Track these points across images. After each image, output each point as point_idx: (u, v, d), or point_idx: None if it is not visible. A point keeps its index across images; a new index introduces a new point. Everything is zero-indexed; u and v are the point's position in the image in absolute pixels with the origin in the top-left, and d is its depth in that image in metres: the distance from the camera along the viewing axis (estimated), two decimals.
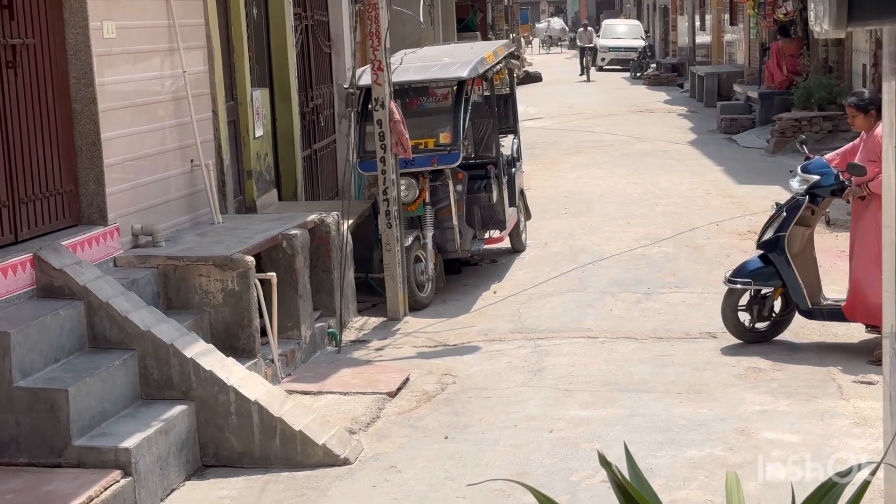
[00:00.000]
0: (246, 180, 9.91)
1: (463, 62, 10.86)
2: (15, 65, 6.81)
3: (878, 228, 7.68)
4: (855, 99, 8.06)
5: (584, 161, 18.61)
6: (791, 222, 8.09)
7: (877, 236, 7.73)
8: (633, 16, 51.92)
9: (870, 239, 7.76)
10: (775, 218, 8.21)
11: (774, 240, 8.11)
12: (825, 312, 8.18)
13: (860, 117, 8.00)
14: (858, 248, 7.92)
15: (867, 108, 7.94)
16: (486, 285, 10.79)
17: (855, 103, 8.02)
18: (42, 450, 6.00)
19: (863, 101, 7.99)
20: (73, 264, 6.77)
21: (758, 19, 23.00)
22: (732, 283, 8.23)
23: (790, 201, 8.20)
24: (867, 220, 7.82)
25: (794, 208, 8.11)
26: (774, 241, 8.11)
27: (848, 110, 8.12)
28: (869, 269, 7.73)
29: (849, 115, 8.14)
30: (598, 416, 7.02)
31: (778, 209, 8.25)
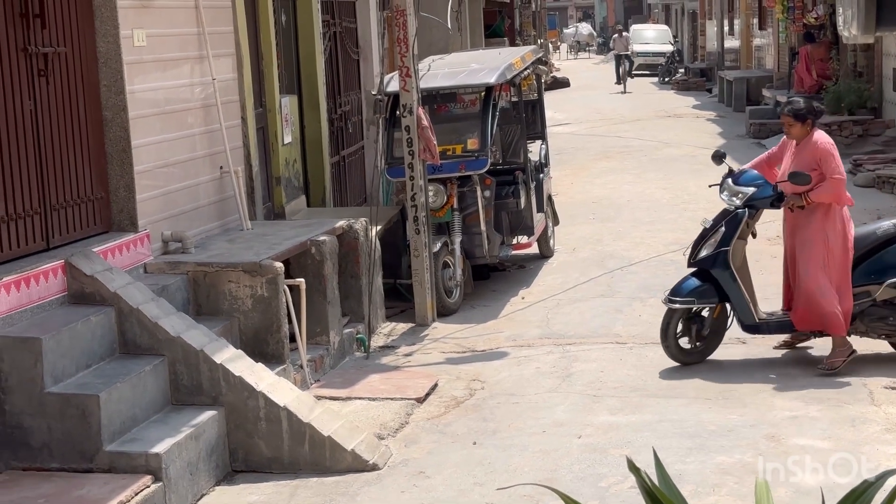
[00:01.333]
0: (275, 187, 9.96)
1: (491, 68, 10.87)
2: (47, 73, 6.88)
3: (825, 237, 7.66)
4: (791, 108, 7.86)
5: (613, 166, 18.57)
6: (734, 236, 7.85)
7: (825, 245, 7.69)
8: (661, 21, 51.83)
9: (817, 249, 7.67)
10: (711, 234, 7.94)
11: (716, 255, 7.84)
12: (772, 325, 7.99)
13: (797, 126, 7.82)
14: (805, 259, 7.72)
15: (805, 117, 7.79)
16: (514, 291, 10.78)
17: (792, 112, 7.82)
18: (73, 455, 6.04)
19: (800, 111, 7.80)
20: (103, 271, 6.82)
21: (787, 23, 22.90)
22: (672, 303, 7.94)
23: (727, 215, 7.92)
24: (813, 230, 7.69)
25: (733, 222, 7.87)
26: (716, 257, 7.85)
27: (784, 119, 7.90)
28: (820, 278, 7.64)
29: (785, 123, 7.91)
30: (627, 422, 7.01)
31: (713, 224, 7.97)
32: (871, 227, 8.08)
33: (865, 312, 7.80)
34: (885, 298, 7.78)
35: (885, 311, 7.81)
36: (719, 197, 8.12)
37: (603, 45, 65.51)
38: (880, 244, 7.87)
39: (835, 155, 7.73)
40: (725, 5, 33.34)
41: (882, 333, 7.90)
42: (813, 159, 7.72)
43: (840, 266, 7.70)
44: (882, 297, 7.77)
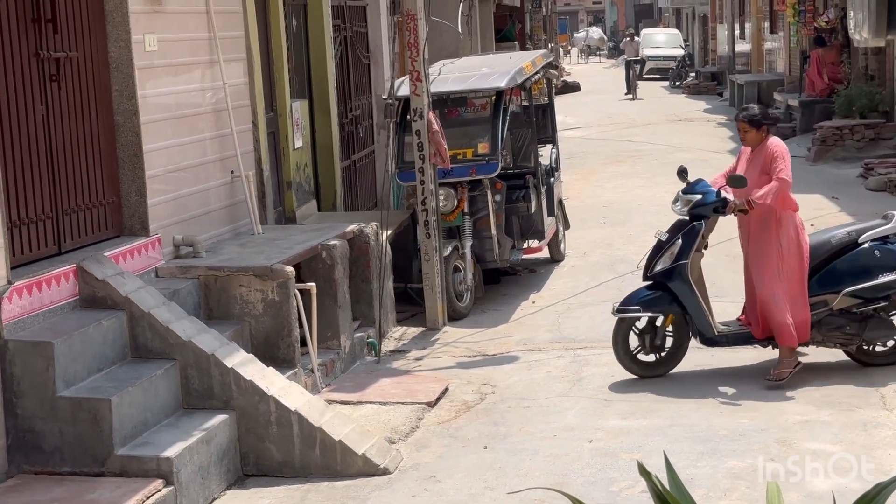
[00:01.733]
0: (286, 191, 9.97)
1: (501, 72, 10.87)
2: (59, 78, 6.90)
3: (779, 246, 7.61)
4: (747, 114, 7.80)
5: (623, 170, 18.56)
6: (692, 249, 7.75)
7: (778, 253, 7.64)
8: (671, 25, 51.80)
9: (771, 258, 7.61)
10: (667, 246, 7.82)
11: (674, 269, 7.72)
12: (731, 338, 7.90)
13: (752, 132, 7.74)
14: (759, 268, 7.66)
15: (760, 123, 7.73)
16: (524, 295, 10.78)
17: (748, 118, 7.76)
18: (85, 459, 6.06)
19: (755, 117, 7.74)
20: (115, 275, 6.84)
21: (798, 27, 22.86)
22: (622, 313, 7.82)
23: (683, 228, 7.83)
24: (767, 240, 7.62)
25: (691, 234, 7.77)
26: (673, 271, 7.72)
27: (740, 125, 7.82)
28: (774, 287, 7.58)
29: (740, 129, 7.83)
30: (638, 426, 7.00)
31: (669, 238, 7.85)
32: (825, 235, 7.96)
33: (822, 322, 7.73)
34: (842, 307, 7.72)
35: (841, 321, 7.74)
36: (671, 209, 8.05)
37: (613, 49, 65.47)
38: (835, 253, 7.79)
39: (785, 159, 7.64)
40: (736, 9, 33.30)
41: (839, 342, 7.84)
42: (765, 165, 7.66)
43: (795, 275, 7.62)
44: (839, 307, 7.71)
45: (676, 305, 7.80)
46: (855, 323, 7.74)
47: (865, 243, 7.78)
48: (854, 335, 7.76)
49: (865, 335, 7.75)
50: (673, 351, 7.95)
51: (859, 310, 7.73)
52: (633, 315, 7.85)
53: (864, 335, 7.75)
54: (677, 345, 7.94)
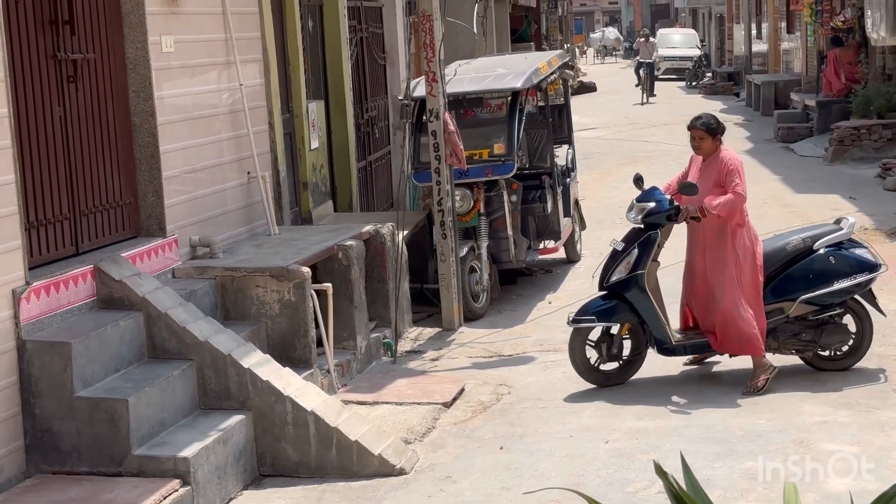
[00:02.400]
0: (302, 192, 9.99)
1: (517, 73, 10.87)
2: (76, 79, 6.93)
3: (736, 256, 7.55)
4: (704, 122, 7.71)
5: (640, 171, 18.47)
6: (648, 258, 7.67)
7: (735, 262, 7.57)
8: (688, 25, 51.69)
9: (730, 269, 7.53)
10: (623, 256, 7.73)
11: (630, 279, 7.64)
12: (689, 347, 7.83)
13: (708, 140, 7.67)
14: (720, 281, 7.55)
15: (716, 131, 7.67)
16: (540, 295, 10.77)
17: (705, 126, 7.67)
18: (102, 459, 6.08)
19: (712, 125, 7.68)
20: (132, 276, 6.86)
21: (815, 27, 22.79)
22: (578, 323, 7.72)
23: (639, 237, 7.74)
24: (724, 251, 7.54)
25: (647, 243, 7.68)
26: (630, 281, 7.64)
27: (695, 133, 7.71)
28: (736, 298, 7.52)
29: (695, 137, 7.72)
30: (654, 427, 6.99)
31: (625, 247, 7.76)
32: (780, 242, 7.89)
33: (779, 329, 7.69)
34: (798, 315, 7.68)
35: (797, 328, 7.70)
36: (626, 217, 7.99)
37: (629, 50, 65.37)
38: (790, 260, 7.74)
39: (741, 173, 7.56)
40: (753, 9, 33.20)
41: (795, 349, 7.80)
42: (720, 176, 7.58)
43: (751, 285, 7.56)
44: (795, 314, 7.68)
45: (632, 314, 7.75)
46: (811, 329, 7.70)
47: (820, 249, 7.73)
48: (810, 342, 7.72)
49: (822, 341, 7.71)
50: (631, 359, 7.89)
51: (815, 317, 7.70)
52: (589, 325, 7.77)
53: (821, 342, 7.71)
54: (635, 353, 7.88)
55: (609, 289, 7.81)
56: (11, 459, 6.05)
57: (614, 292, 7.79)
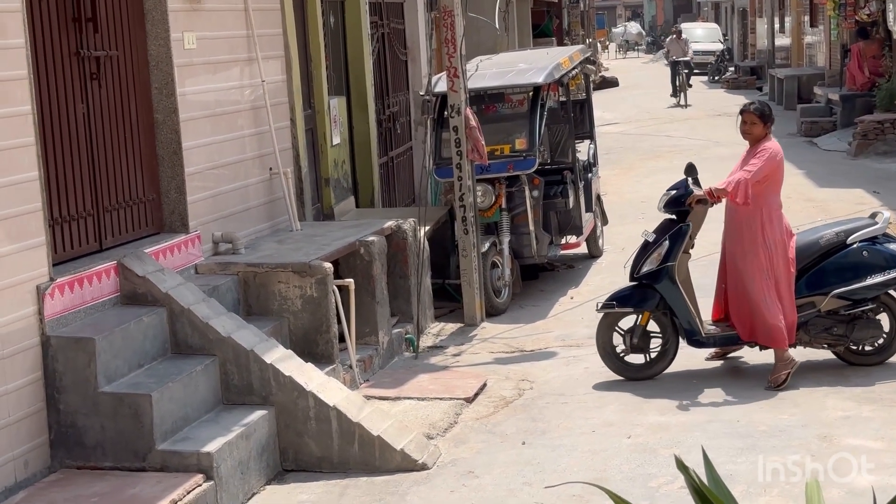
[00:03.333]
0: (324, 188, 10.01)
1: (538, 68, 10.86)
2: (99, 76, 6.97)
3: (766, 247, 7.49)
4: (757, 107, 7.66)
5: (662, 166, 18.46)
6: (679, 250, 7.66)
7: (766, 255, 7.52)
8: (710, 19, 51.48)
9: (759, 259, 7.49)
10: (654, 247, 7.72)
11: (661, 270, 7.63)
12: (718, 339, 7.80)
13: (759, 126, 7.60)
14: (748, 270, 7.52)
15: (768, 118, 7.61)
16: (563, 291, 10.76)
17: (758, 111, 7.61)
18: (126, 454, 6.11)
19: (766, 111, 7.62)
20: (155, 272, 6.90)
21: (838, 20, 22.67)
22: (606, 309, 7.78)
23: (670, 229, 7.74)
24: (753, 241, 7.49)
25: (678, 235, 7.67)
26: (660, 272, 7.64)
27: (747, 117, 7.64)
28: (764, 289, 7.47)
29: (746, 121, 7.64)
30: (677, 422, 6.97)
31: (656, 238, 7.76)
32: (813, 236, 7.83)
33: (810, 323, 7.63)
34: (830, 309, 7.63)
35: (829, 322, 7.64)
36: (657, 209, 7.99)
37: (652, 45, 65.15)
38: (823, 254, 7.69)
39: (768, 160, 7.45)
40: (776, 3, 33.05)
41: (826, 343, 7.74)
42: (753, 158, 7.55)
43: (782, 277, 7.52)
44: (826, 308, 7.62)
45: (660, 305, 7.74)
46: (842, 324, 7.64)
47: (854, 244, 7.68)
48: (842, 336, 7.66)
49: (854, 336, 7.65)
50: (660, 353, 7.85)
51: (847, 311, 7.63)
52: (619, 311, 7.79)
53: (853, 336, 7.65)
54: (666, 347, 7.84)
55: (640, 280, 7.81)
56: (36, 454, 6.09)
57: (645, 283, 7.78)
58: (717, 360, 8.12)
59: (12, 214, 5.97)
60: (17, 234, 6.00)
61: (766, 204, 7.53)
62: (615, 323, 7.86)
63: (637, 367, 7.88)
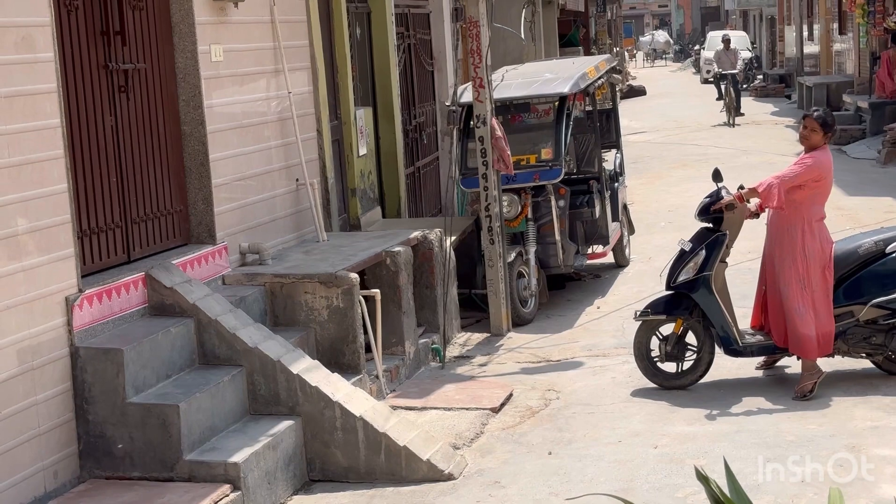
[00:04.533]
0: (350, 198, 10.04)
1: (564, 77, 10.86)
2: (127, 89, 7.03)
3: (804, 256, 7.43)
4: (820, 114, 7.58)
5: (689, 174, 18.41)
6: (716, 259, 7.62)
7: (804, 263, 7.45)
8: (738, 27, 51.30)
9: (796, 268, 7.44)
10: (690, 256, 7.68)
11: (698, 280, 7.60)
12: (755, 348, 7.75)
13: (819, 135, 7.51)
14: (784, 278, 7.49)
15: (830, 127, 7.54)
16: (589, 300, 10.75)
17: (820, 118, 7.53)
18: (154, 464, 6.15)
19: (828, 120, 7.54)
20: (183, 283, 6.94)
21: (868, 28, 22.55)
22: (644, 316, 7.76)
23: (706, 237, 7.70)
24: (793, 248, 7.44)
25: (715, 244, 7.64)
26: (697, 282, 7.61)
27: (808, 122, 7.55)
28: (798, 298, 7.42)
29: (807, 126, 7.56)
30: (704, 432, 6.95)
31: (693, 247, 7.71)
32: (852, 244, 7.76)
33: (849, 332, 7.58)
34: (869, 318, 7.56)
35: (867, 331, 7.57)
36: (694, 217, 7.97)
37: (680, 53, 64.98)
38: (862, 263, 7.62)
39: (807, 168, 7.40)
40: (804, 10, 32.91)
41: (864, 353, 7.68)
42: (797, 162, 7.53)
43: (819, 286, 7.46)
44: (865, 318, 7.55)
45: (698, 312, 7.70)
46: (881, 334, 7.57)
47: (893, 253, 7.61)
48: (880, 346, 7.60)
49: (892, 346, 7.58)
50: (696, 362, 7.81)
51: (886, 321, 7.56)
52: (654, 318, 7.79)
53: (891, 346, 7.58)
54: (701, 356, 7.79)
55: (676, 289, 7.79)
56: (65, 464, 6.14)
57: (681, 292, 7.76)
58: (765, 369, 8.05)
59: (42, 226, 6.04)
60: (47, 246, 6.06)
61: (808, 213, 7.48)
62: (652, 331, 7.85)
63: (671, 376, 7.86)
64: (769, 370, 8.08)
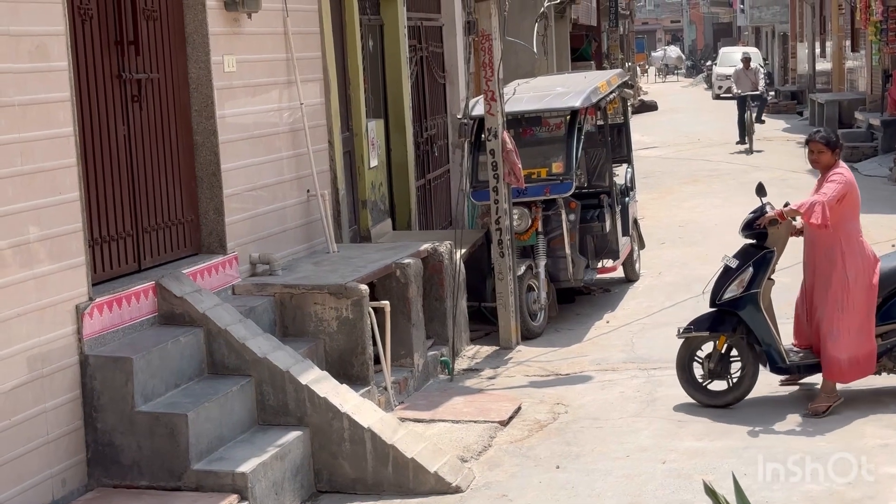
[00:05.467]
0: (361, 210, 10.05)
1: (576, 92, 10.87)
2: (140, 98, 7.05)
3: (845, 277, 7.38)
4: (823, 135, 7.57)
5: (700, 190, 18.42)
6: (765, 276, 7.54)
7: (844, 286, 7.40)
8: (751, 43, 51.32)
9: (837, 290, 7.40)
10: (737, 273, 7.59)
11: (745, 297, 7.52)
12: (802, 367, 7.69)
13: (827, 154, 7.49)
14: (823, 300, 7.45)
15: (836, 145, 7.50)
16: (598, 315, 10.74)
17: (824, 139, 7.52)
18: (162, 473, 6.15)
19: (832, 139, 7.53)
20: (193, 292, 6.95)
21: (880, 45, 22.54)
22: (687, 333, 7.68)
23: (752, 254, 7.62)
24: (834, 270, 7.40)
25: (763, 262, 7.57)
26: (745, 299, 7.52)
27: (813, 146, 7.55)
28: (834, 321, 7.39)
29: (813, 150, 7.56)
30: (713, 448, 6.93)
31: (739, 264, 7.62)
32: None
33: (894, 350, 7.56)
34: None
35: None
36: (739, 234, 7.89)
37: (692, 69, 64.99)
38: None
39: (841, 183, 7.38)
40: (817, 27, 32.90)
41: None
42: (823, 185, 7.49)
43: (861, 308, 7.40)
44: None
45: (742, 329, 7.64)
46: None
47: None
48: None
49: None
50: (739, 379, 7.74)
51: None
52: (696, 336, 7.70)
53: None
54: (745, 374, 7.73)
55: (721, 307, 7.69)
56: (74, 472, 6.15)
57: (725, 310, 7.66)
58: (791, 384, 8.01)
59: (53, 234, 6.05)
60: (58, 254, 6.08)
61: (844, 231, 7.44)
62: (695, 348, 7.77)
63: (715, 394, 7.76)
64: (797, 385, 8.02)
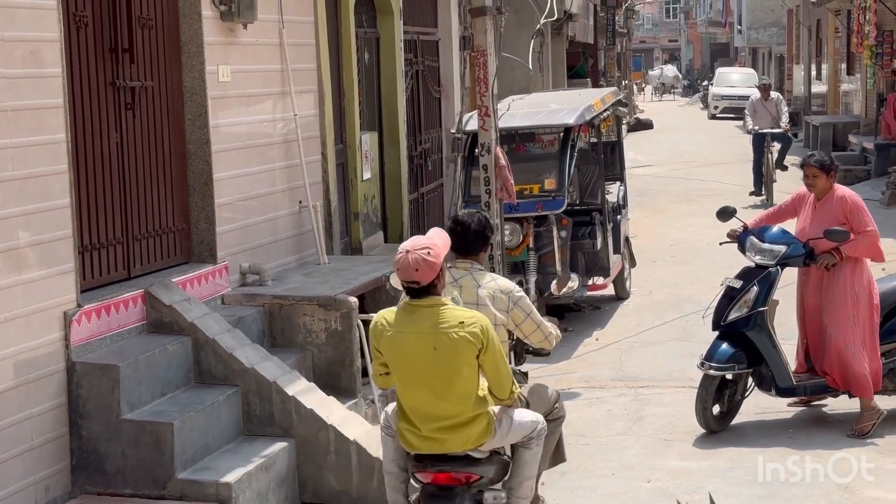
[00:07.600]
0: (353, 222, 10.06)
1: (570, 109, 10.89)
2: (133, 106, 7.06)
3: (854, 294, 7.41)
4: (817, 159, 7.54)
5: (693, 209, 18.43)
6: (770, 295, 7.48)
7: (853, 301, 7.43)
8: (747, 64, 51.46)
9: (849, 306, 7.40)
10: (741, 294, 7.50)
11: (751, 317, 7.42)
12: (808, 387, 7.66)
13: (822, 178, 7.48)
14: (834, 318, 7.43)
15: (830, 168, 7.49)
16: (588, 332, 10.74)
17: (819, 163, 7.50)
18: (146, 482, 6.14)
19: (826, 162, 7.51)
20: (182, 301, 6.95)
21: (875, 69, 22.62)
22: (711, 370, 7.42)
23: (757, 275, 7.54)
24: (840, 288, 7.40)
25: (766, 281, 7.46)
26: (750, 319, 7.43)
27: (809, 170, 7.52)
28: (849, 337, 7.39)
29: (808, 175, 7.53)
30: (698, 468, 6.93)
31: (743, 285, 7.52)
32: (893, 283, 7.74)
33: (894, 371, 7.58)
34: None
35: None
36: (745, 255, 7.73)
37: (688, 88, 65.13)
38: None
39: (865, 209, 7.48)
40: (813, 50, 33.01)
41: None
42: (841, 214, 7.45)
43: (867, 324, 7.43)
44: None
45: (756, 358, 7.54)
46: None
47: None
48: None
49: None
50: (738, 403, 7.73)
51: None
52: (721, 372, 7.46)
53: None
54: (742, 397, 7.72)
55: (725, 328, 7.57)
56: (57, 479, 6.13)
57: (731, 332, 7.54)
58: (800, 405, 8.00)
59: (43, 240, 6.05)
60: (47, 260, 6.08)
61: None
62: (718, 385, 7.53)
63: (719, 420, 7.64)
64: (806, 406, 8.01)
